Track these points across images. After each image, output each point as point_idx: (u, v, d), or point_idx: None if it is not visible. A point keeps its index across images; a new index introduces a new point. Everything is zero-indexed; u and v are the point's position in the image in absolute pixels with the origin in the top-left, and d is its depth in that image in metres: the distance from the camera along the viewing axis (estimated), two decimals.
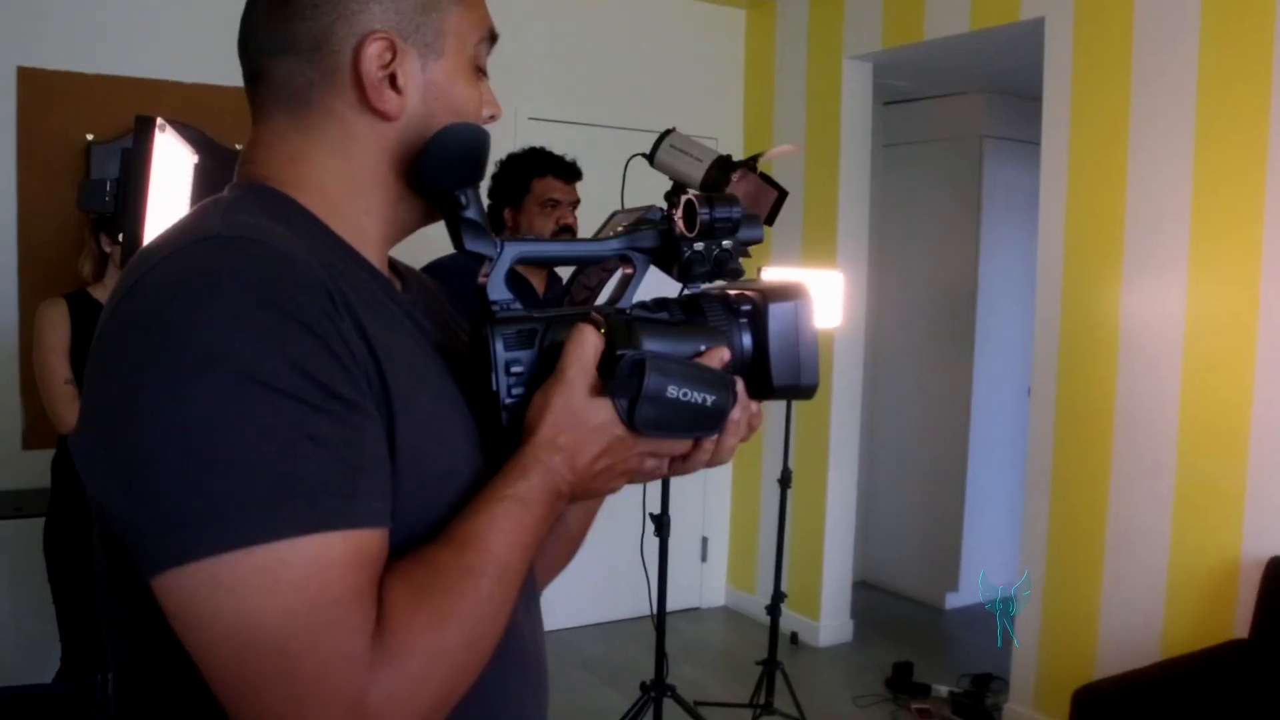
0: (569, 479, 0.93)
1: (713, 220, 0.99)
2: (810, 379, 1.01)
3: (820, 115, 5.07)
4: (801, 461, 5.08)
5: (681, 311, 1.00)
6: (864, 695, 4.48)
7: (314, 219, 0.94)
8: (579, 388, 0.92)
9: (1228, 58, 3.46)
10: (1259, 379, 3.39)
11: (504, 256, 0.96)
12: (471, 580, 0.85)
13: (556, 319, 0.96)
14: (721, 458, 1.00)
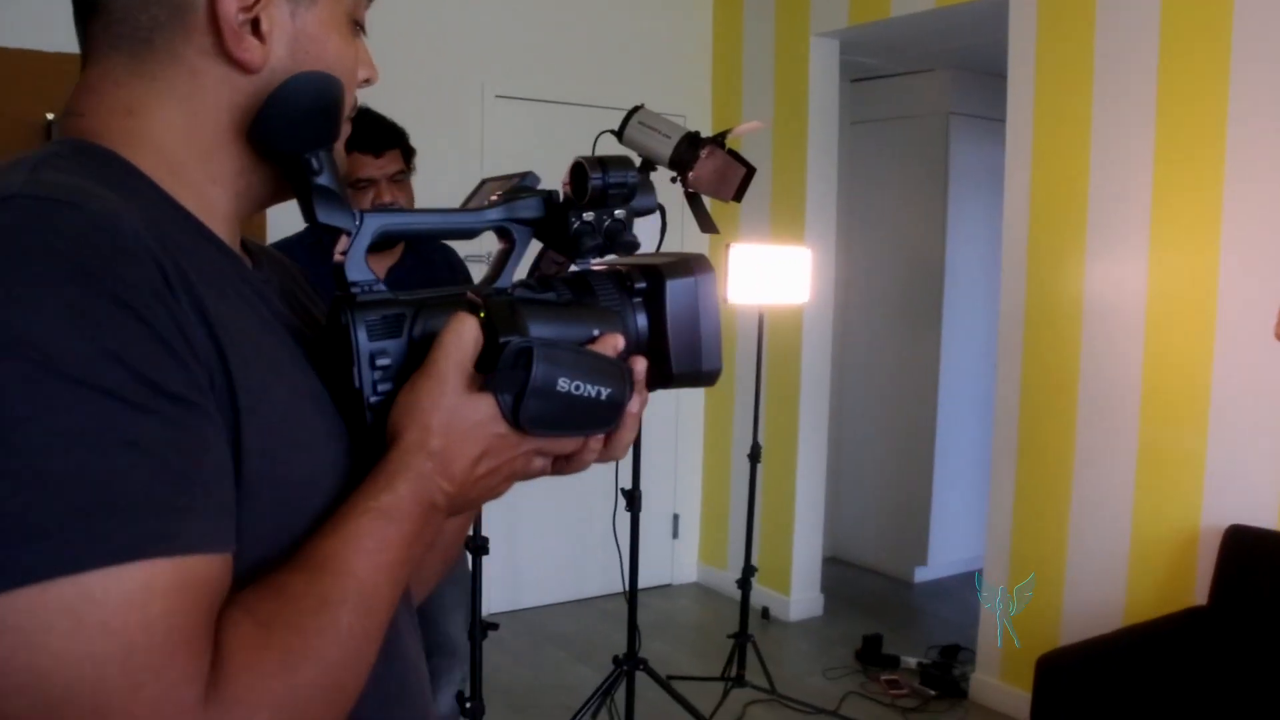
0: (445, 488, 0.80)
1: (606, 186, 0.87)
2: (712, 364, 0.91)
3: (788, 92, 5.08)
4: (771, 437, 5.12)
5: (569, 290, 0.89)
6: (834, 667, 4.53)
7: (149, 183, 0.79)
8: (454, 381, 0.80)
9: (1188, 35, 3.50)
10: (1218, 352, 3.45)
11: (364, 230, 0.83)
12: (329, 613, 0.72)
13: (428, 302, 0.84)
14: (616, 454, 0.89)
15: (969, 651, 4.40)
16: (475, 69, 4.82)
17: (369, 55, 0.91)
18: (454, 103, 4.77)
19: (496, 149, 4.84)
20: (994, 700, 4.12)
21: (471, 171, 4.76)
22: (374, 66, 0.92)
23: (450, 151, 4.74)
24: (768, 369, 5.10)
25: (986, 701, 4.16)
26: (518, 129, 4.92)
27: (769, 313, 4.32)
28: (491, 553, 3.31)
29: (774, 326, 5.03)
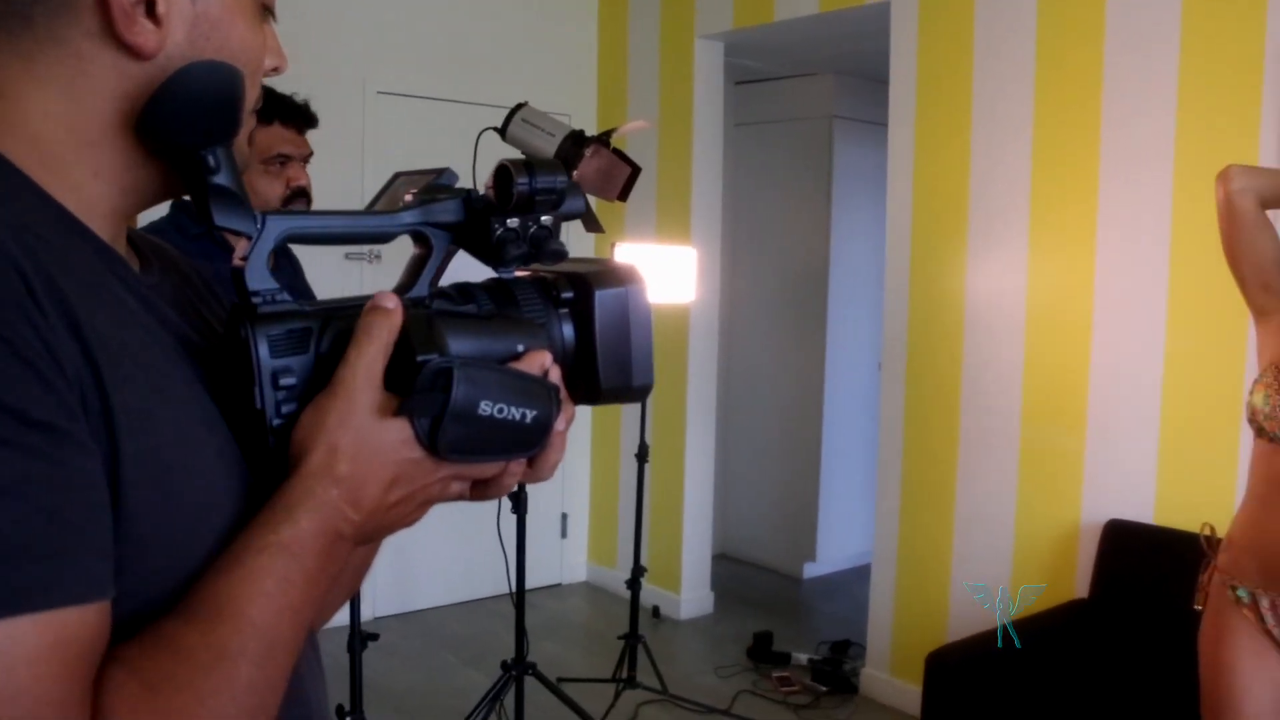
0: (352, 517, 0.73)
1: (533, 191, 0.81)
2: (643, 379, 0.85)
3: (673, 93, 5.09)
4: (659, 436, 5.12)
5: (491, 300, 0.82)
6: (726, 666, 4.55)
7: (21, 176, 0.71)
8: (364, 402, 0.72)
9: (1063, 42, 3.60)
10: (1095, 353, 3.55)
11: (266, 234, 0.75)
12: (226, 666, 0.65)
13: (337, 313, 0.77)
14: (542, 476, 0.83)
15: (859, 647, 4.46)
16: (357, 64, 4.71)
17: (278, 42, 0.83)
18: (334, 98, 4.64)
19: (378, 146, 4.75)
20: (884, 695, 4.18)
21: (352, 170, 4.67)
22: (283, 55, 0.84)
23: (330, 148, 4.60)
24: (655, 368, 5.11)
25: (877, 696, 4.21)
26: (400, 126, 4.83)
27: (655, 312, 4.30)
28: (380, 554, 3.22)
29: (660, 326, 5.03)
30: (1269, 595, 2.14)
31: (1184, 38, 3.32)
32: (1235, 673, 2.16)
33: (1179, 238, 3.33)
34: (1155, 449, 3.41)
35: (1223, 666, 2.18)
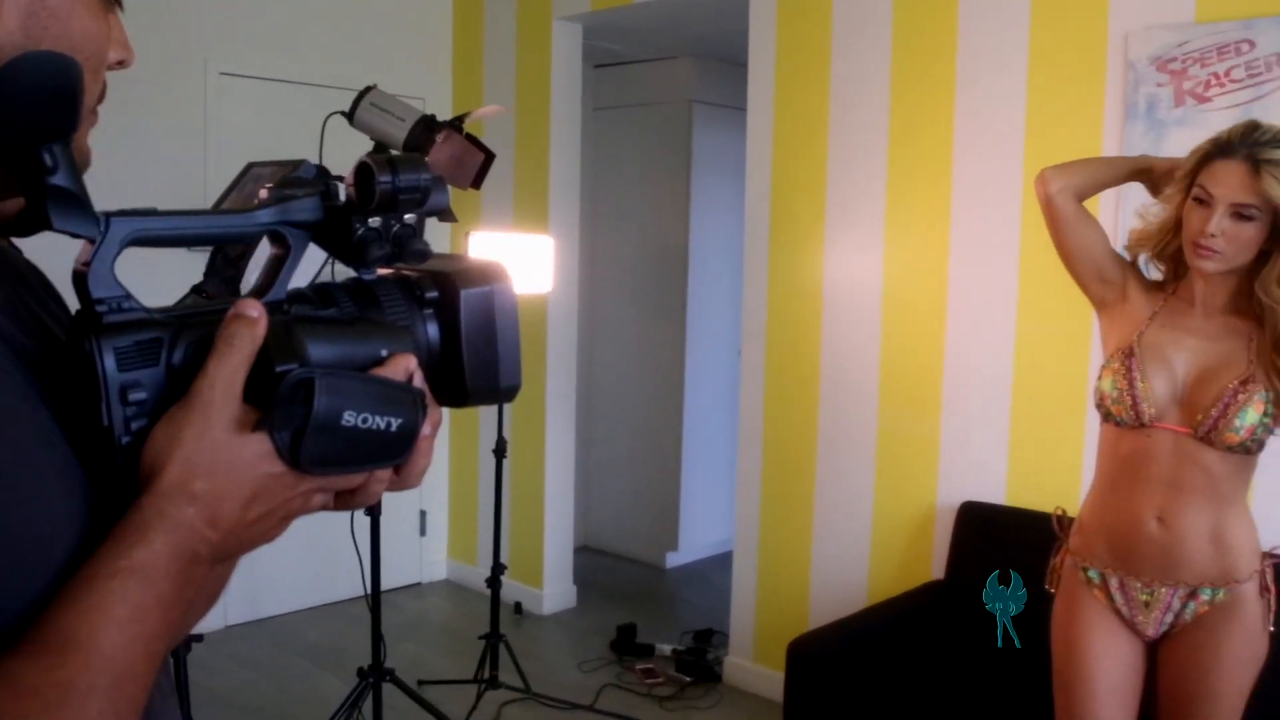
0: (210, 536, 0.68)
1: (396, 189, 0.76)
2: (510, 380, 0.83)
3: (530, 77, 4.98)
4: (518, 430, 5.02)
5: (352, 302, 0.78)
6: (589, 660, 4.49)
7: None
8: (222, 417, 0.68)
9: (919, 30, 3.62)
10: (949, 339, 3.58)
11: (111, 237, 0.70)
12: (74, 705, 0.60)
13: (190, 321, 0.72)
14: (410, 483, 0.79)
15: (722, 635, 4.45)
16: (198, 44, 4.47)
17: (124, 33, 0.77)
18: (174, 79, 4.41)
19: (222, 130, 4.53)
20: (748, 682, 4.18)
21: (194, 154, 4.45)
22: (129, 47, 0.77)
23: (171, 132, 4.40)
24: None
25: (740, 684, 4.21)
26: (245, 109, 4.62)
27: None
28: None
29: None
30: (1118, 575, 2.17)
31: (1033, 29, 3.37)
32: (1087, 651, 2.20)
33: (1029, 226, 3.38)
34: (1007, 432, 3.47)
35: (1075, 645, 2.22)
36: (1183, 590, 2.12)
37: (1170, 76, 3.14)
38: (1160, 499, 2.11)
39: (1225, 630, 2.12)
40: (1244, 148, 1.96)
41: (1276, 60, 2.98)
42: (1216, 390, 2.04)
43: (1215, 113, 3.03)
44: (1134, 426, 2.12)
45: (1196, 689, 2.15)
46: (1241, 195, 1.95)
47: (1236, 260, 2.01)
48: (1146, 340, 2.15)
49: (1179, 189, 2.09)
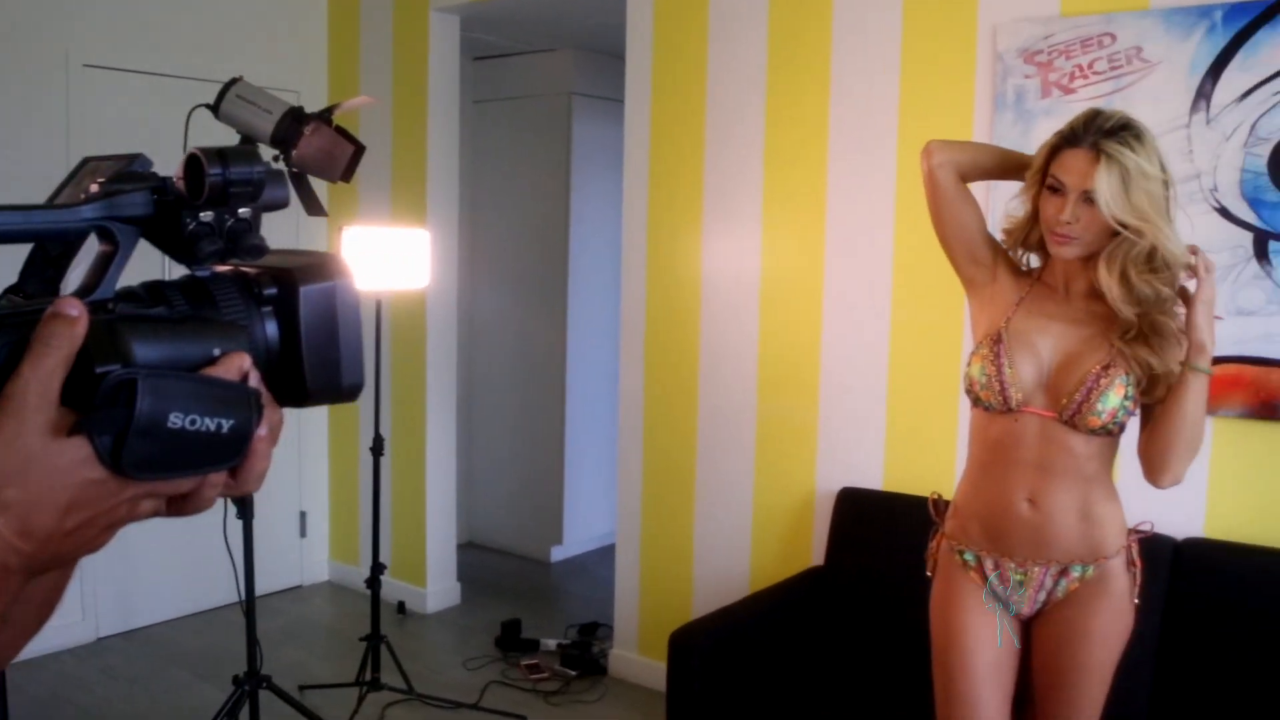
0: (22, 548, 0.65)
1: (227, 182, 0.74)
2: (353, 378, 0.80)
3: (407, 69, 4.90)
4: (399, 427, 4.95)
5: (185, 300, 0.74)
6: (474, 657, 4.44)
7: None
8: (36, 421, 0.64)
9: (794, 23, 3.65)
10: (825, 326, 3.63)
11: None
12: None
13: (3, 322, 0.68)
14: (248, 487, 0.76)
15: (607, 628, 4.44)
16: (59, 34, 4.29)
17: None
18: (33, 71, 4.23)
19: (85, 124, 4.35)
20: (633, 674, 4.18)
21: (56, 150, 4.28)
22: None
23: (30, 127, 4.22)
24: (392, 357, 4.93)
25: (626, 676, 4.21)
26: (109, 102, 4.44)
27: (390, 299, 4.13)
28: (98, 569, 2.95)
29: (396, 313, 4.86)
30: (992, 556, 2.22)
31: (905, 22, 3.43)
32: (964, 632, 2.23)
33: (903, 216, 3.44)
34: (883, 419, 3.53)
35: (952, 626, 2.25)
36: (1054, 568, 2.17)
37: (1037, 68, 3.22)
38: (1029, 481, 2.16)
39: (1095, 606, 2.17)
40: (1089, 136, 2.02)
41: (1136, 53, 3.08)
42: (1079, 375, 2.10)
43: (1080, 103, 3.11)
44: (1002, 411, 2.17)
45: (1068, 663, 2.20)
46: (1088, 181, 2.01)
47: (1094, 244, 2.07)
48: (1014, 326, 2.19)
49: (1033, 182, 2.15)
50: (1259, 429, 2.96)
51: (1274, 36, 2.89)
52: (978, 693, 2.20)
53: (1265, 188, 2.92)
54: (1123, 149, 1.98)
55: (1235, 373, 2.98)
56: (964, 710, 2.21)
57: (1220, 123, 2.97)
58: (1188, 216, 2.98)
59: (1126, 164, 1.98)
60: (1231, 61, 2.95)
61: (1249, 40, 2.92)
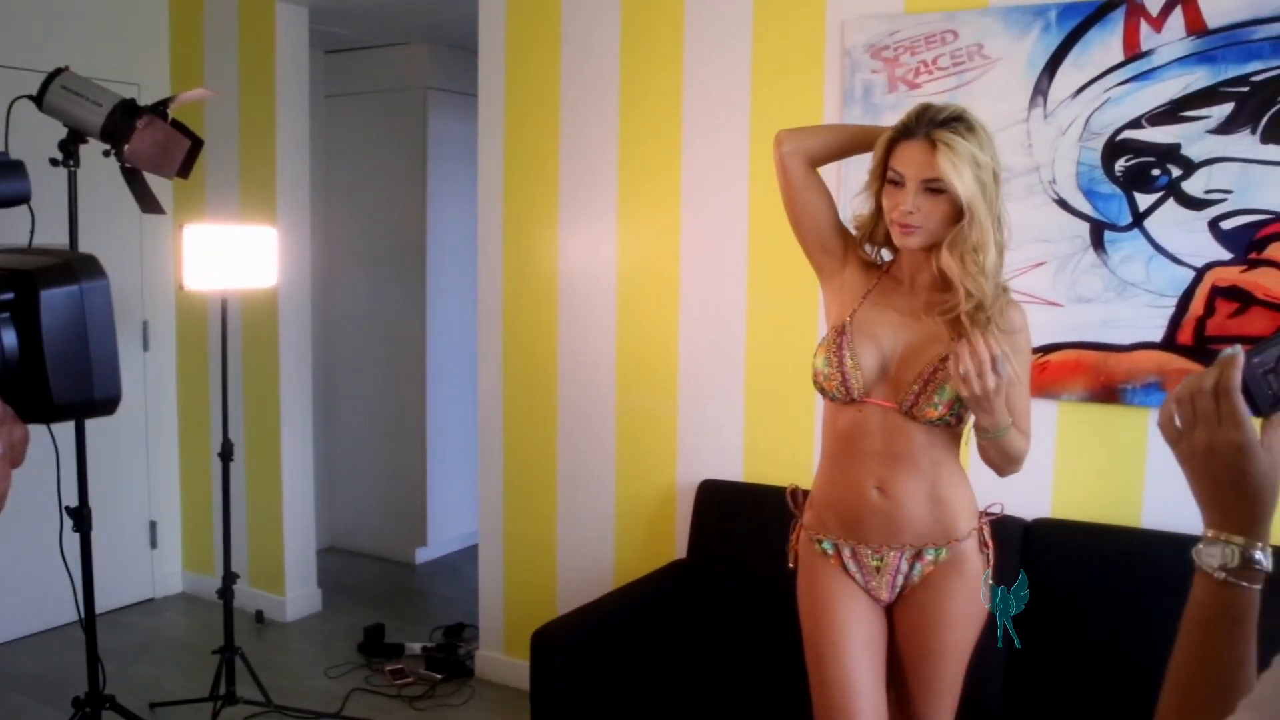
0: None
1: None
2: (108, 390, 0.74)
3: (254, 61, 4.74)
4: (252, 430, 4.80)
5: None
6: (336, 665, 4.34)
7: None
8: None
9: (647, 14, 3.64)
10: (682, 319, 3.64)
11: None
12: None
13: None
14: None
15: (473, 629, 4.39)
16: None
17: None
18: None
19: None
20: (500, 675, 4.14)
21: None
22: None
23: None
24: (243, 358, 4.78)
25: (493, 677, 4.16)
26: None
27: (241, 299, 4.00)
28: None
29: (247, 312, 4.71)
30: (849, 544, 2.24)
31: (756, 17, 3.46)
32: (834, 615, 2.25)
33: (756, 208, 3.47)
34: (742, 410, 3.55)
35: (821, 611, 2.27)
36: (909, 552, 2.21)
37: (884, 64, 3.28)
38: (877, 469, 2.19)
39: (949, 587, 2.21)
40: (922, 128, 2.07)
41: (977, 50, 3.16)
42: (919, 367, 2.14)
43: (925, 98, 3.16)
44: (846, 402, 2.20)
45: (925, 646, 2.24)
46: (927, 171, 2.05)
47: (937, 233, 2.10)
48: (859, 318, 2.22)
49: (874, 177, 2.18)
50: (1099, 411, 3.07)
51: (1104, 36, 3.00)
52: (851, 673, 2.21)
53: (1100, 180, 3.03)
54: (956, 137, 2.03)
55: (1075, 358, 3.09)
56: (840, 692, 2.21)
57: (1057, 117, 3.07)
58: (1029, 208, 3.08)
59: (961, 151, 2.02)
60: (1066, 59, 3.05)
61: (1081, 39, 3.03)
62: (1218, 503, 0.97)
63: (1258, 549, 0.95)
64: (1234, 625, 0.92)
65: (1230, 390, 0.94)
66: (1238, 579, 0.95)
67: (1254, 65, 2.86)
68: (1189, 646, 0.97)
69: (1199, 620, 0.97)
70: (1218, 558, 0.95)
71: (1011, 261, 3.08)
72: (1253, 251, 2.90)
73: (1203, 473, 0.97)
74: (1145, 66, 2.97)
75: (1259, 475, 0.94)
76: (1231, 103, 2.88)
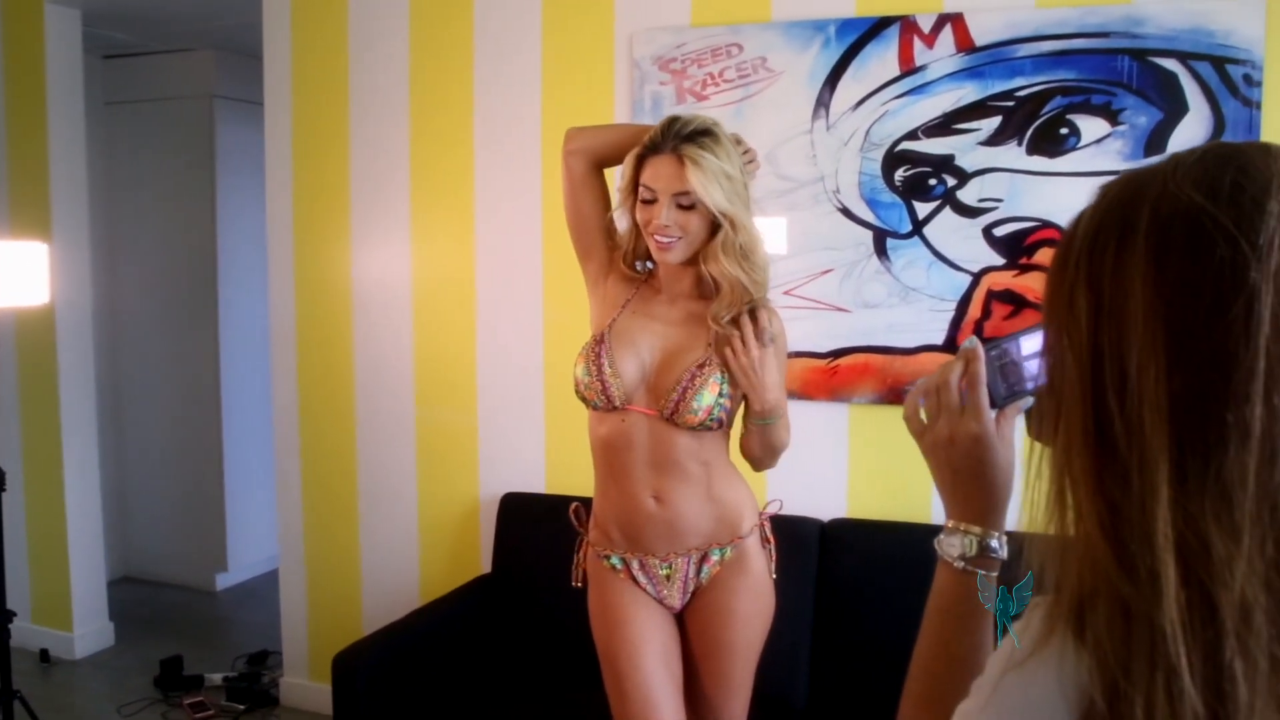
0: None
1: None
2: None
3: (21, 66, 4.46)
4: (31, 456, 4.52)
5: None
6: (130, 702, 4.13)
7: None
8: None
9: (435, 25, 3.60)
10: (480, 332, 3.61)
11: None
12: None
13: None
14: None
15: (278, 655, 4.25)
16: None
17: None
18: None
19: None
20: (306, 701, 4.02)
21: None
22: None
23: None
24: (18, 380, 4.51)
25: (298, 704, 4.05)
26: None
27: (14, 317, 3.74)
28: None
29: (21, 332, 4.44)
30: (636, 556, 2.25)
31: (545, 28, 3.47)
32: (627, 628, 2.25)
33: (549, 218, 3.47)
34: (542, 421, 3.55)
35: (614, 626, 2.26)
36: (695, 556, 2.23)
37: (672, 76, 3.33)
38: (651, 479, 2.20)
39: (735, 585, 2.24)
40: (669, 142, 2.08)
41: (762, 63, 3.24)
42: (676, 374, 2.16)
43: (713, 110, 3.24)
44: (609, 410, 2.21)
45: (714, 644, 2.26)
46: (677, 185, 2.07)
47: (695, 243, 2.13)
48: (617, 326, 2.24)
49: (628, 194, 2.19)
50: (888, 413, 3.18)
51: (881, 51, 3.12)
52: (649, 685, 2.21)
53: (881, 189, 3.15)
54: (702, 152, 2.05)
55: (864, 362, 3.20)
56: (639, 705, 2.21)
57: (839, 129, 3.17)
58: (815, 217, 3.18)
59: (708, 166, 2.05)
60: (845, 73, 3.16)
61: (860, 54, 3.14)
62: (957, 493, 1.01)
63: (994, 538, 0.99)
64: (972, 612, 0.95)
65: (976, 382, 0.97)
66: (976, 567, 0.98)
67: (1018, 81, 3.02)
68: (931, 633, 1.01)
69: (940, 608, 1.01)
70: (957, 547, 0.99)
71: (799, 269, 3.19)
72: (1023, 257, 3.06)
73: (944, 463, 1.00)
74: (920, 81, 3.10)
75: (996, 466, 0.98)
76: (999, 116, 3.04)
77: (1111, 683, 0.69)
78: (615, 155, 2.29)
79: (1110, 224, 0.72)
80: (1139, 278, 0.69)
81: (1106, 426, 0.70)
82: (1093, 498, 0.71)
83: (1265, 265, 0.65)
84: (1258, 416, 0.64)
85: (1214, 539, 0.65)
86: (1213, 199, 0.68)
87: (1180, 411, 0.67)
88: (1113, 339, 0.70)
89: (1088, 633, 0.71)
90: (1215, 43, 2.87)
